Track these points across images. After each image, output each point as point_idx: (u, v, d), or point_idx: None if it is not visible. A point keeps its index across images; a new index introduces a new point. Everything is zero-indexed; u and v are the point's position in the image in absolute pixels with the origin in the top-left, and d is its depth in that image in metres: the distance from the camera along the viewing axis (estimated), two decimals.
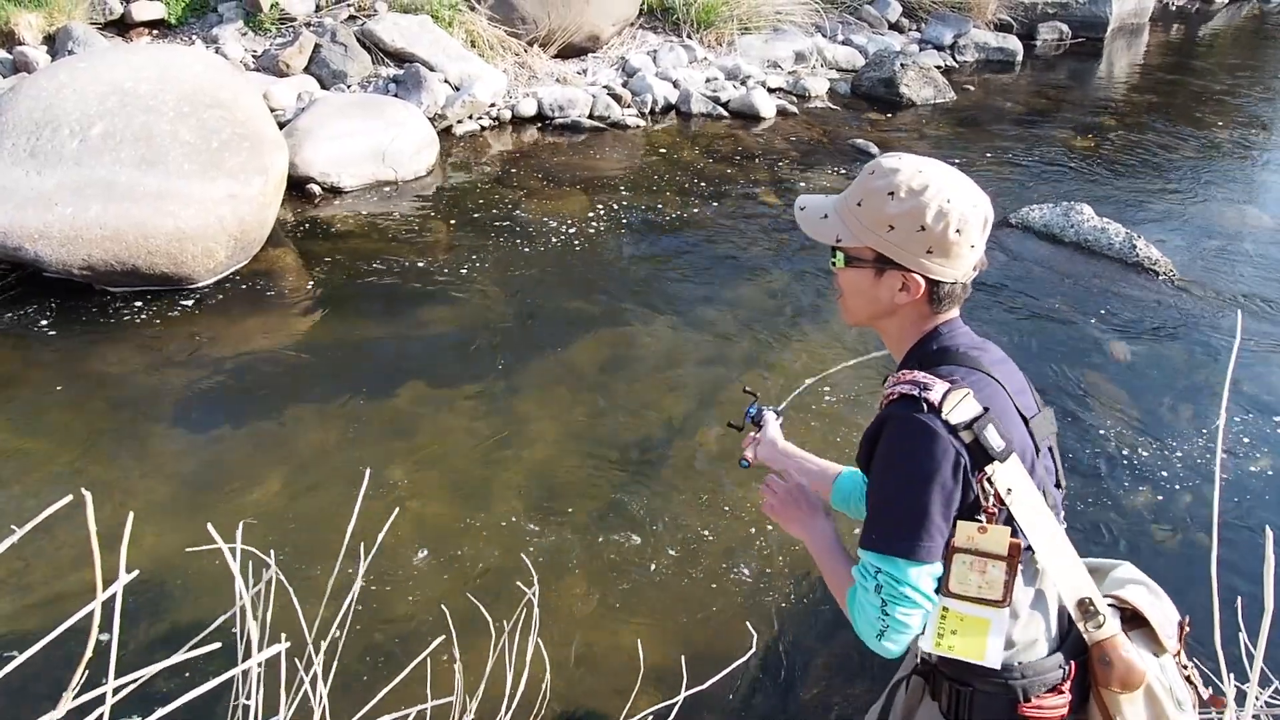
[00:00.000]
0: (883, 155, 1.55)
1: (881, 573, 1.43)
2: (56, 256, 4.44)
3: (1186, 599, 1.84)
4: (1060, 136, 8.05)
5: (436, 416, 3.93)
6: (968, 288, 1.56)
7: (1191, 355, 4.60)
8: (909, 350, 1.58)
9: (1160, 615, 1.56)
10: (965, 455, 1.39)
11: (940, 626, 1.46)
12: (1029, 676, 1.48)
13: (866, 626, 1.46)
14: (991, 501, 1.40)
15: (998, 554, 1.40)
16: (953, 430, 1.39)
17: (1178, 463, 3.80)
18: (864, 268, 1.54)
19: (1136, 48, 11.99)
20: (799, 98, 8.68)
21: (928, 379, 1.44)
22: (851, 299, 1.60)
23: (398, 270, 5.14)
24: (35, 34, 7.28)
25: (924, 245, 1.47)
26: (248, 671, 1.44)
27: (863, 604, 1.46)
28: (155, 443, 3.69)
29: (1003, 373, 1.53)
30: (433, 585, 3.04)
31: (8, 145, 4.54)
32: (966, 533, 1.41)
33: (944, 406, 1.39)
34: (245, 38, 7.81)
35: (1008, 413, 1.47)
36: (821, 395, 4.08)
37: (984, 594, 1.42)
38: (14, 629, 2.83)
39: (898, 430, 1.44)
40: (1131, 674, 1.46)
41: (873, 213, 1.49)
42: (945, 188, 1.45)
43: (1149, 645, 1.54)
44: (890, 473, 1.46)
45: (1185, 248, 5.89)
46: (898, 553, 1.42)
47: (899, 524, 1.42)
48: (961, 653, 1.45)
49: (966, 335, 1.57)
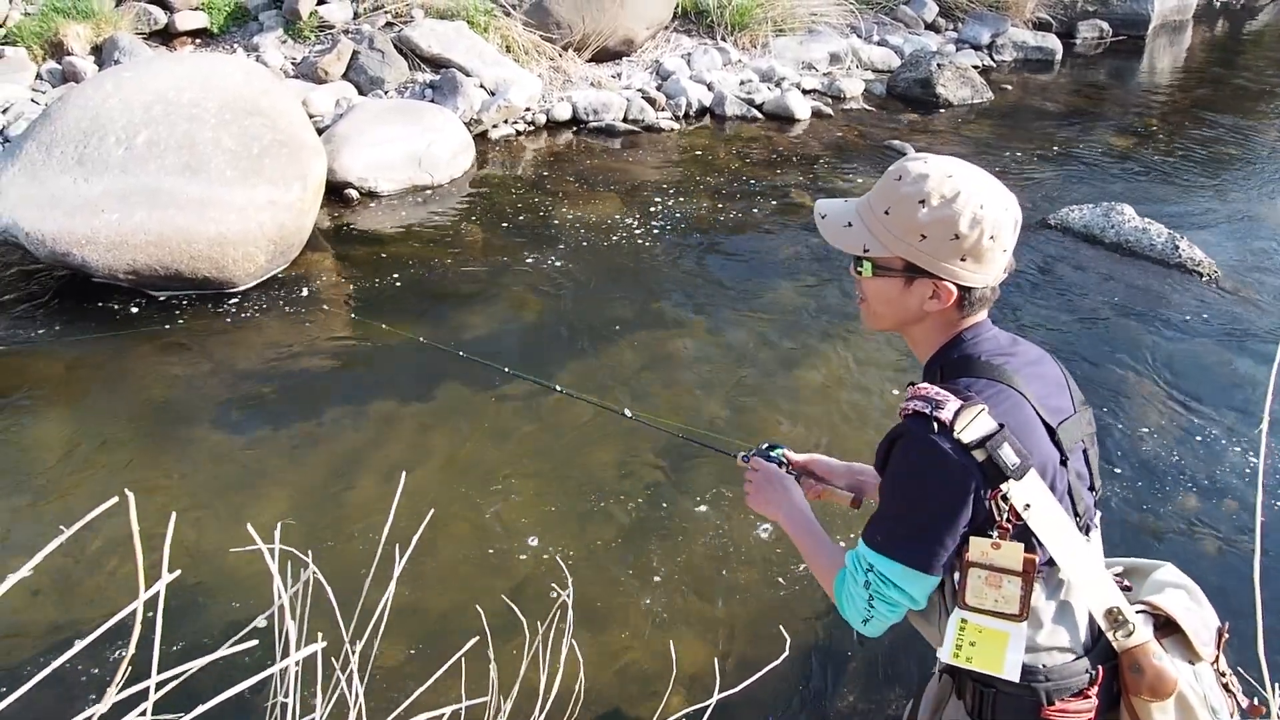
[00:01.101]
0: (907, 158, 1.51)
1: (874, 570, 1.47)
2: (103, 262, 4.54)
3: (1229, 604, 1.81)
4: (1100, 136, 7.93)
5: (472, 418, 3.96)
6: (997, 290, 1.54)
7: (1235, 359, 4.51)
8: (933, 356, 1.58)
9: (1196, 622, 1.54)
10: (977, 474, 1.38)
11: (959, 638, 1.46)
12: (1053, 680, 1.47)
13: (852, 610, 1.53)
14: (1006, 518, 1.39)
15: (1012, 569, 1.40)
16: (965, 449, 1.37)
17: (1220, 467, 3.73)
18: (893, 276, 1.51)
19: (1179, 45, 11.78)
20: (834, 99, 8.64)
21: (941, 395, 1.42)
22: (878, 306, 1.58)
23: (434, 274, 5.19)
24: (83, 44, 7.45)
25: (957, 253, 1.44)
26: (285, 670, 1.47)
27: (850, 592, 1.52)
28: (196, 444, 3.76)
29: (1032, 376, 1.51)
30: (467, 586, 3.07)
31: (57, 154, 4.65)
32: (980, 548, 1.41)
33: (956, 425, 1.38)
34: (285, 45, 7.93)
35: (1028, 426, 1.44)
36: (843, 402, 4.05)
37: (1000, 608, 1.42)
38: (61, 627, 2.89)
39: (907, 448, 1.44)
40: (1162, 682, 1.45)
41: (903, 221, 1.46)
42: (977, 193, 1.43)
43: (1183, 653, 1.51)
44: (899, 489, 1.48)
45: (1229, 249, 5.77)
46: (894, 556, 1.45)
47: (901, 532, 1.46)
48: (979, 665, 1.46)
49: (992, 340, 1.54)
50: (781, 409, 4.06)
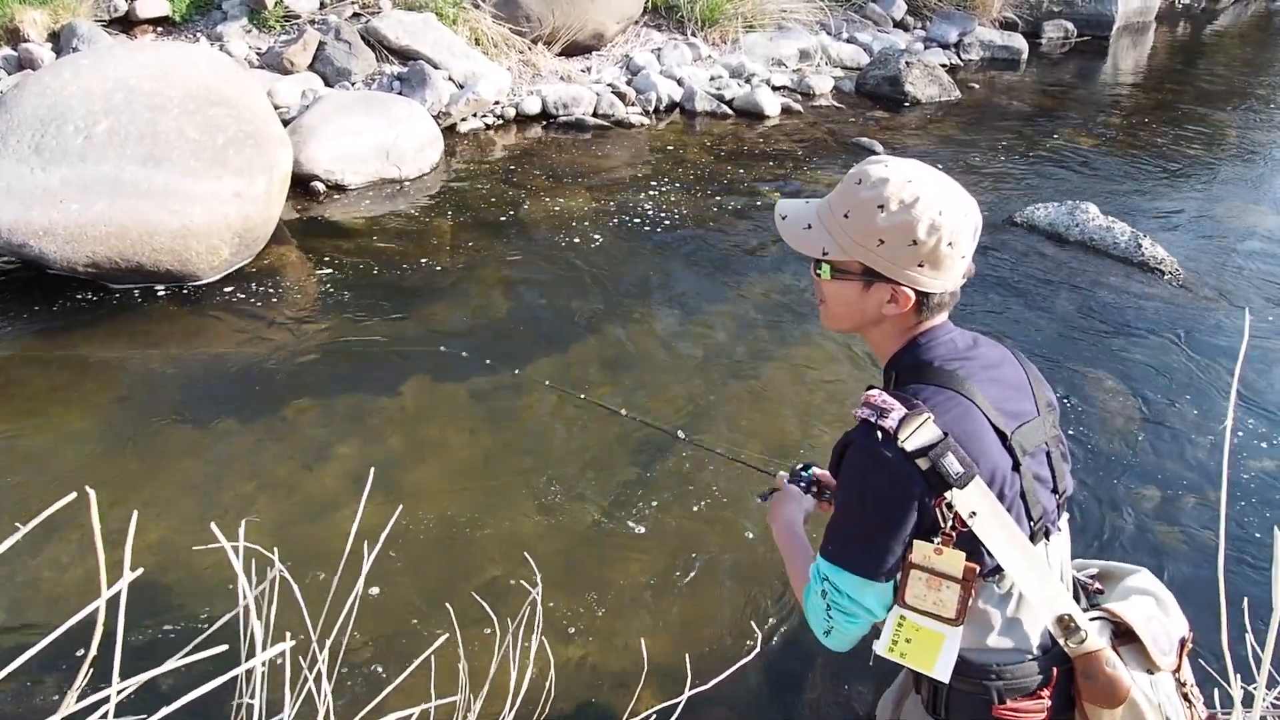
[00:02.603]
0: (868, 161, 1.50)
1: (828, 581, 1.49)
2: (61, 254, 4.44)
3: (1193, 599, 1.83)
4: (1066, 135, 8.03)
5: (440, 415, 3.93)
6: (957, 294, 1.53)
7: (1197, 356, 4.59)
8: (889, 360, 1.59)
9: (1157, 630, 1.55)
10: (921, 482, 1.39)
11: (895, 634, 1.48)
12: (1005, 680, 1.49)
13: (815, 622, 1.55)
14: (950, 524, 1.40)
15: (953, 576, 1.41)
16: (909, 457, 1.38)
17: (1184, 464, 3.78)
18: (851, 280, 1.50)
19: (1142, 46, 11.96)
20: (804, 96, 8.67)
21: (887, 403, 1.43)
22: (836, 308, 1.58)
23: (401, 268, 5.14)
24: (40, 31, 7.29)
25: (915, 259, 1.43)
26: (251, 670, 1.44)
27: (812, 605, 1.54)
28: (159, 440, 3.69)
29: (988, 380, 1.51)
30: (436, 584, 3.04)
31: (12, 142, 4.54)
32: (923, 552, 1.42)
33: (900, 434, 1.38)
34: (249, 35, 7.81)
35: (975, 434, 1.44)
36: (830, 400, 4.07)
37: (937, 610, 1.44)
38: (18, 627, 2.83)
39: (854, 457, 1.47)
40: (1115, 690, 1.46)
41: (861, 226, 1.45)
42: (936, 199, 1.41)
43: (1141, 661, 1.52)
44: (847, 496, 1.50)
45: (1191, 247, 5.87)
46: (845, 566, 1.47)
47: (849, 541, 1.47)
48: (911, 662, 1.48)
49: (948, 344, 1.54)
50: (748, 404, 4.07)
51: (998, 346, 1.62)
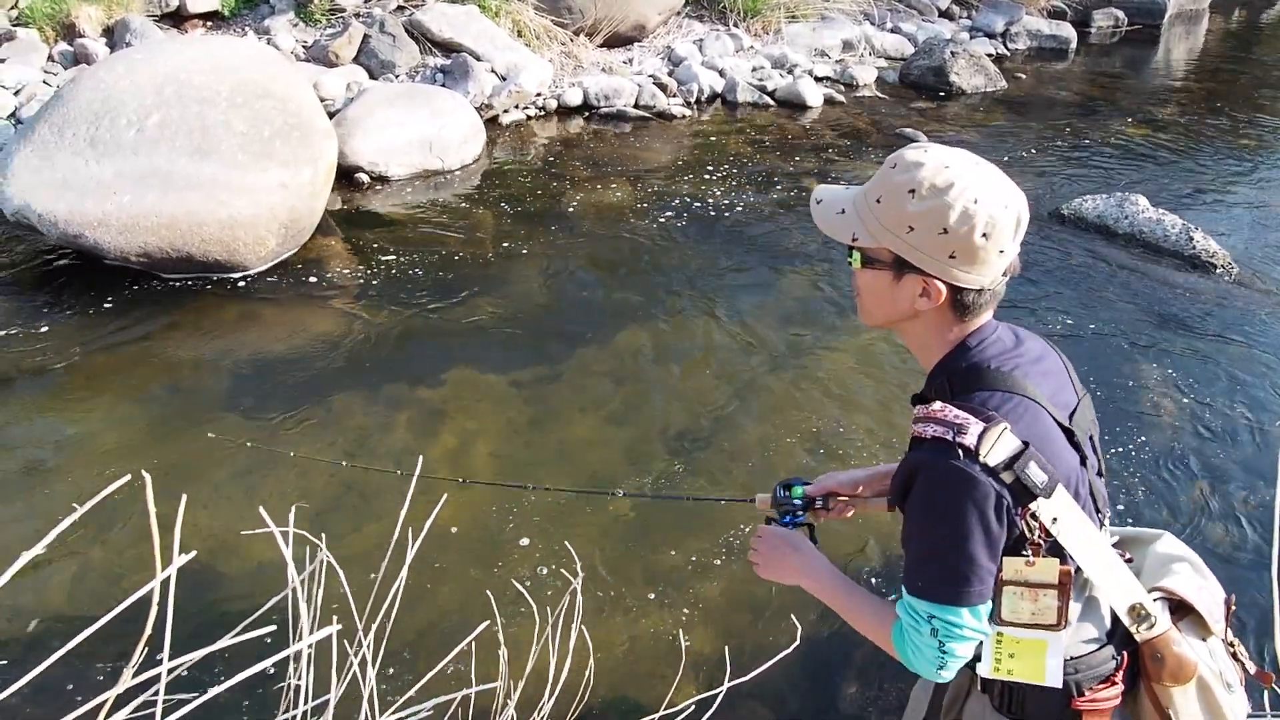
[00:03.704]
0: (908, 147, 1.44)
1: (935, 619, 1.40)
2: (115, 244, 4.54)
3: (1243, 599, 1.80)
4: (1115, 126, 7.88)
5: (482, 403, 3.96)
6: (999, 292, 1.45)
7: (1250, 352, 4.48)
8: (938, 364, 1.50)
9: (1208, 599, 1.54)
10: (1007, 496, 1.33)
11: (997, 651, 1.44)
12: (1081, 671, 1.47)
13: (924, 663, 1.44)
14: (1037, 535, 1.36)
15: (1048, 584, 1.38)
16: (992, 472, 1.32)
17: (1236, 463, 3.70)
18: (881, 269, 1.44)
19: (1195, 35, 11.68)
20: (846, 86, 8.60)
21: (962, 418, 1.35)
22: (869, 301, 1.51)
23: (444, 258, 5.19)
24: (95, 26, 7.45)
25: (946, 249, 1.36)
26: (299, 652, 1.47)
27: (917, 645, 1.43)
28: (208, 427, 3.76)
29: (1041, 376, 1.46)
30: (479, 572, 3.07)
31: (69, 135, 4.65)
32: (1014, 567, 1.38)
33: (981, 449, 1.32)
34: (296, 29, 7.91)
35: (1049, 437, 1.39)
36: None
37: (1038, 620, 1.40)
38: (75, 607, 2.91)
39: (935, 479, 1.37)
40: (1183, 668, 1.45)
41: (892, 211, 1.38)
42: (972, 186, 1.33)
43: (1197, 631, 1.52)
44: (931, 523, 1.40)
45: (1244, 240, 5.73)
46: (948, 600, 1.39)
47: (946, 573, 1.39)
48: (1021, 675, 1.44)
49: (998, 344, 1.47)
50: (793, 402, 4.05)
51: (1034, 337, 1.57)
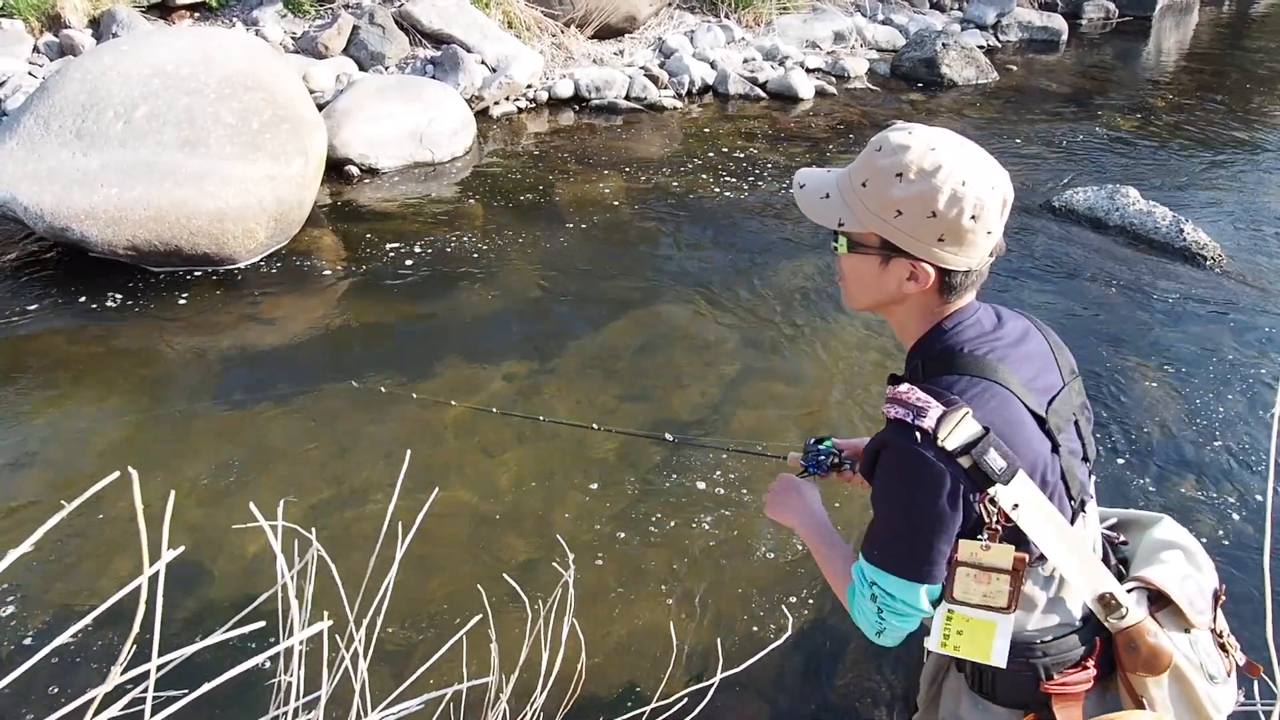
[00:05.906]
0: (892, 128, 1.41)
1: (877, 586, 1.43)
2: (102, 237, 4.51)
3: (1233, 591, 1.80)
4: (1106, 118, 7.89)
5: (473, 396, 3.95)
6: (984, 273, 1.45)
7: (1240, 343, 4.50)
8: (914, 345, 1.51)
9: (1193, 590, 1.53)
10: (964, 480, 1.33)
11: (946, 628, 1.45)
12: (1050, 655, 1.48)
13: (865, 624, 1.50)
14: (995, 520, 1.36)
15: (1002, 568, 1.38)
16: (950, 457, 1.32)
17: (1228, 454, 3.72)
18: (869, 254, 1.42)
19: (1186, 26, 11.70)
20: (838, 78, 8.59)
21: (923, 401, 1.35)
22: (854, 285, 1.50)
23: (434, 251, 5.17)
24: (81, 17, 7.39)
25: (935, 233, 1.34)
26: (290, 649, 1.46)
27: (860, 607, 1.49)
28: (197, 421, 3.75)
29: (1019, 359, 1.45)
30: (470, 566, 3.07)
31: (55, 127, 4.61)
32: (970, 550, 1.38)
33: (939, 433, 1.32)
34: (284, 20, 7.86)
35: (1015, 423, 1.39)
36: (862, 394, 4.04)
37: (989, 602, 1.41)
38: (61, 605, 2.89)
39: (893, 460, 1.39)
40: (1158, 658, 1.44)
41: (878, 195, 1.36)
42: (959, 168, 1.32)
43: (1178, 623, 1.50)
44: (888, 500, 1.43)
45: (1234, 232, 5.75)
46: (893, 570, 1.41)
47: (896, 546, 1.41)
48: (967, 653, 1.46)
49: (975, 326, 1.46)
50: (782, 389, 4.05)
51: (1019, 317, 1.55)
